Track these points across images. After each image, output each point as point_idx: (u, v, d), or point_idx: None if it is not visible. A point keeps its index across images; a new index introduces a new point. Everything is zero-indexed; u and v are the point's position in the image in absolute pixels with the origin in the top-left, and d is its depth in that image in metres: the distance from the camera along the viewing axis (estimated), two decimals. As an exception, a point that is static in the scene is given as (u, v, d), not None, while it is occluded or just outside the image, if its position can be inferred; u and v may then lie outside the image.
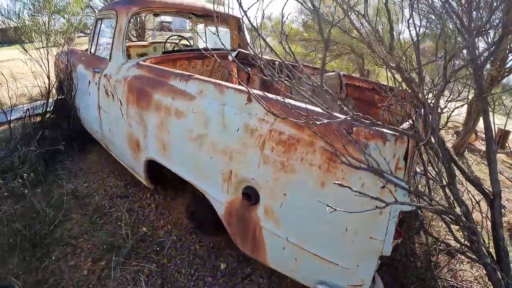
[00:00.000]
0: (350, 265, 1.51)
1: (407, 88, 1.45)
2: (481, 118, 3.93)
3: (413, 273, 2.31)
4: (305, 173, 1.48)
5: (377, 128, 1.34)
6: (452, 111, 1.56)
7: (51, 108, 3.77)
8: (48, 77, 3.45)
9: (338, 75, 2.97)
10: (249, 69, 2.28)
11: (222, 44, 1.55)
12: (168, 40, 3.52)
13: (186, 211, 2.49)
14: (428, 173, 1.74)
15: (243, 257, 2.23)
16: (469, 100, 1.89)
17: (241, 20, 3.53)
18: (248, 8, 1.32)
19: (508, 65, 3.81)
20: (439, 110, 1.46)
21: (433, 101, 1.41)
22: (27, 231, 2.38)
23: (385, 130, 1.34)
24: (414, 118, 1.56)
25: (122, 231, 2.38)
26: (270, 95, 1.60)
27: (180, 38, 3.44)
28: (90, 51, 3.26)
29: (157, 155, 2.19)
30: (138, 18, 7.61)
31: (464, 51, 1.68)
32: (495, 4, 1.43)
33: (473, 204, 1.75)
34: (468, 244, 1.54)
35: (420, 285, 2.19)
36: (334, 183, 1.15)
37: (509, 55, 3.55)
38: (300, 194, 1.53)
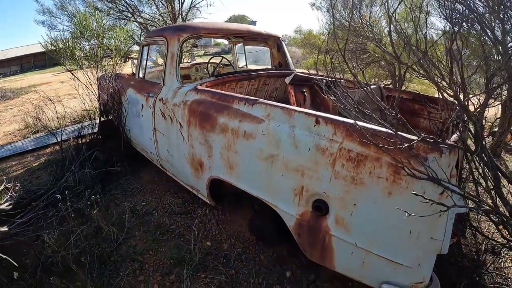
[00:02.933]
0: (413, 264, 1.84)
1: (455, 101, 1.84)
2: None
3: (461, 272, 2.60)
4: (373, 185, 1.84)
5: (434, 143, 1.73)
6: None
7: (97, 129, 4.29)
8: (99, 102, 3.96)
9: (379, 88, 3.37)
10: (304, 90, 2.71)
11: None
12: (210, 61, 4.00)
13: (249, 224, 2.89)
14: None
15: (306, 264, 2.58)
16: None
17: (280, 39, 3.98)
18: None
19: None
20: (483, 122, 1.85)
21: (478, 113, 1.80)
22: (94, 249, 2.76)
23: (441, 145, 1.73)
24: (461, 130, 1.96)
25: (187, 245, 2.78)
26: (337, 118, 1.99)
27: (221, 58, 3.90)
28: (139, 76, 3.74)
29: (223, 174, 2.59)
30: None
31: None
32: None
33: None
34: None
35: (468, 283, 2.47)
36: (412, 193, 1.53)
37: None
38: (369, 204, 1.89)
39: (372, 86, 3.36)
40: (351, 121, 1.91)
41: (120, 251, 2.85)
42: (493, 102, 1.86)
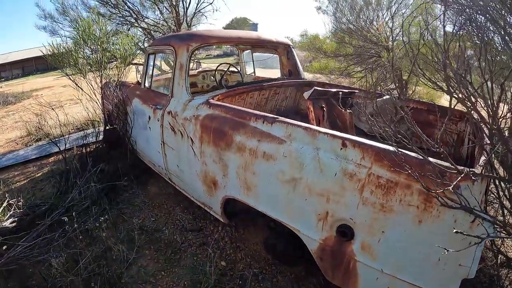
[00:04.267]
0: (439, 289, 1.81)
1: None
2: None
3: (476, 286, 2.58)
4: (403, 213, 1.78)
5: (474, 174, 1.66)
6: None
7: (101, 137, 4.18)
8: (103, 111, 3.84)
9: (392, 99, 3.30)
10: (323, 105, 2.63)
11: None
12: (217, 69, 3.88)
13: (264, 243, 2.81)
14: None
15: (325, 285, 2.51)
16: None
17: (290, 47, 3.88)
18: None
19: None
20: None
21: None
22: (103, 271, 2.65)
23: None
24: (489, 153, 1.90)
25: (201, 266, 2.69)
26: (365, 141, 1.91)
27: (229, 65, 3.79)
28: (144, 85, 3.62)
29: (240, 194, 2.50)
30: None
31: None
32: None
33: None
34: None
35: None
36: (455, 232, 1.46)
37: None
38: (398, 231, 1.83)
39: (386, 97, 3.28)
40: (380, 145, 1.84)
41: (131, 271, 2.75)
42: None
